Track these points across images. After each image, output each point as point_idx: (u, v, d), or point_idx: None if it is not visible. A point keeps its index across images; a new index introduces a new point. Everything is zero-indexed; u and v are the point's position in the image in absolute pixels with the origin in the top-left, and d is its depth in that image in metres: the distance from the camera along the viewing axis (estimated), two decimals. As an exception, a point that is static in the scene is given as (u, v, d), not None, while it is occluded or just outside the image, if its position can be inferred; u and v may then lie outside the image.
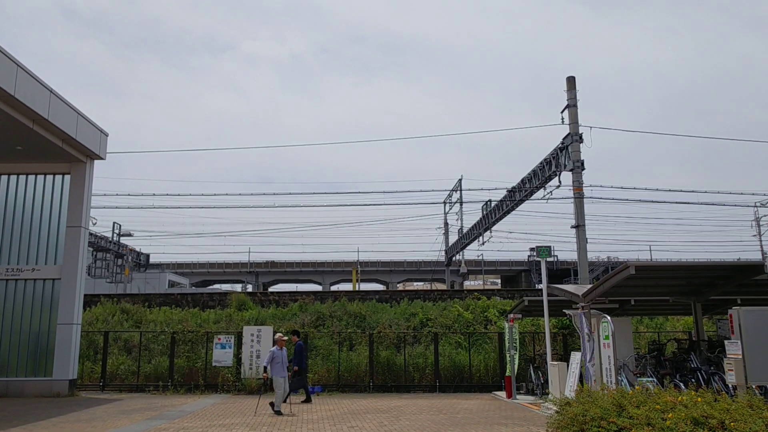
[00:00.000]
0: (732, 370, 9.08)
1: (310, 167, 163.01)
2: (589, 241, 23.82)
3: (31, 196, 18.36)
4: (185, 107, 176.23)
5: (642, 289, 12.94)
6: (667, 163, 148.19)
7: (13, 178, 18.43)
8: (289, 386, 15.21)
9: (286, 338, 13.84)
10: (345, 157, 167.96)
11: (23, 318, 17.48)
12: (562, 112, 24.89)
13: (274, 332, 19.14)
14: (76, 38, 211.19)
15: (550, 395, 13.14)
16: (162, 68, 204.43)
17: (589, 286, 13.08)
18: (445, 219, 53.95)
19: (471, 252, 52.83)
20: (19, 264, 17.76)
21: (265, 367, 13.06)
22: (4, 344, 17.25)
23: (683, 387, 10.86)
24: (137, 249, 53.52)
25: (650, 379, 11.72)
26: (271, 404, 13.11)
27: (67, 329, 17.11)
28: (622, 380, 11.73)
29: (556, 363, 14.19)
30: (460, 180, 47.21)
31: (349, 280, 70.73)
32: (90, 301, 23.87)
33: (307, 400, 15.51)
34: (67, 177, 18.31)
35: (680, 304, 15.19)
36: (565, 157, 25.24)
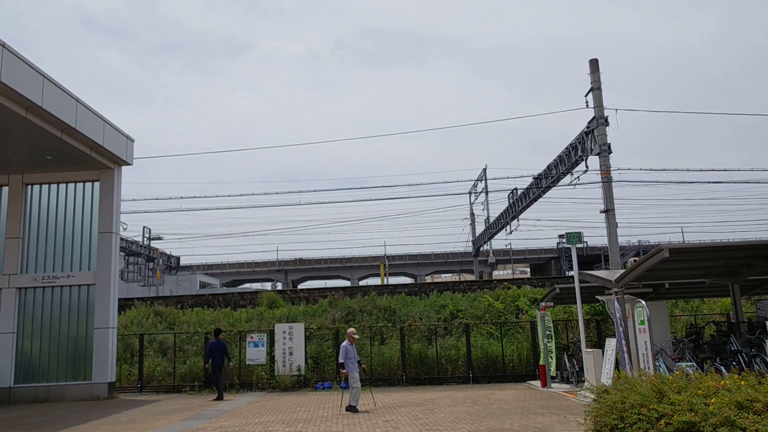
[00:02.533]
0: (775, 351, 8.82)
1: (333, 163, 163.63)
2: (619, 225, 23.45)
3: (63, 205, 18.75)
4: (207, 110, 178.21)
5: (677, 272, 12.64)
6: (698, 144, 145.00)
7: (45, 187, 18.84)
8: (211, 382, 16.28)
9: (357, 336, 13.47)
10: (367, 152, 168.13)
11: (61, 324, 17.90)
12: (586, 95, 24.50)
13: (306, 329, 19.28)
14: (96, 47, 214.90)
15: (586, 383, 12.95)
16: (182, 72, 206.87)
17: (622, 271, 12.84)
18: (471, 209, 53.68)
19: (498, 241, 52.58)
20: (54, 271, 18.17)
21: (341, 364, 12.61)
22: (44, 350, 17.68)
23: (724, 371, 10.60)
24: (168, 252, 54.43)
25: (689, 363, 11.46)
26: (349, 407, 12.68)
27: (103, 333, 17.45)
28: (659, 366, 11.50)
29: (591, 350, 13.98)
30: (485, 169, 46.83)
31: (377, 275, 70.88)
32: (124, 304, 24.32)
33: (219, 398, 16.11)
34: (97, 184, 18.64)
35: (717, 286, 14.83)
36: (591, 141, 24.85)
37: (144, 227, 49.79)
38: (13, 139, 15.69)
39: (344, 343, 12.86)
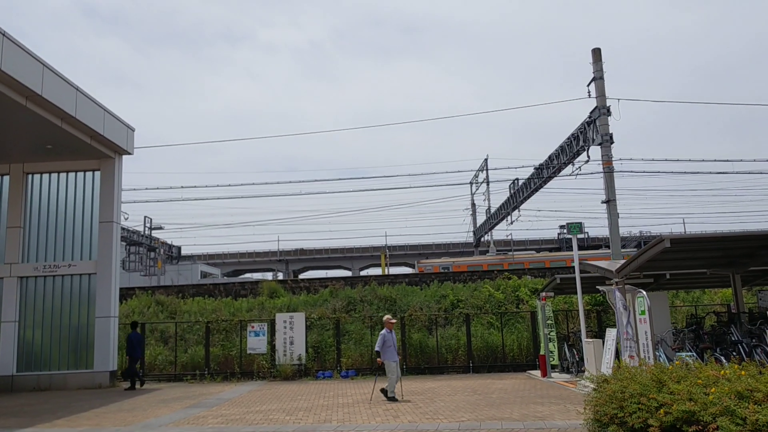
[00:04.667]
0: (775, 341, 8.82)
1: (334, 154, 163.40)
2: (620, 216, 23.42)
3: (64, 194, 18.75)
4: (207, 99, 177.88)
5: (678, 263, 12.62)
6: (701, 133, 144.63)
7: (46, 177, 18.83)
8: (125, 373, 16.59)
9: (394, 321, 12.99)
10: (368, 142, 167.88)
11: (63, 313, 17.95)
12: (588, 85, 24.41)
13: (307, 318, 19.30)
14: (96, 35, 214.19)
15: (586, 373, 12.99)
16: (182, 61, 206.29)
17: (623, 261, 12.83)
18: (472, 200, 53.67)
19: (499, 232, 52.48)
20: (55, 260, 18.20)
21: (378, 352, 12.27)
22: (46, 339, 17.75)
23: (724, 361, 10.61)
24: (169, 242, 54.37)
25: (689, 353, 11.49)
26: (383, 391, 12.45)
27: (105, 322, 17.50)
28: (659, 356, 11.51)
29: (591, 340, 14.01)
30: (486, 160, 46.78)
31: (378, 265, 70.88)
32: (125, 294, 24.37)
33: (131, 388, 16.37)
34: (97, 173, 18.63)
35: (718, 277, 14.82)
36: (593, 131, 24.78)
37: (145, 217, 49.73)
38: (13, 128, 15.66)
39: (383, 331, 12.50)
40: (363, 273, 68.63)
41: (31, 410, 12.82)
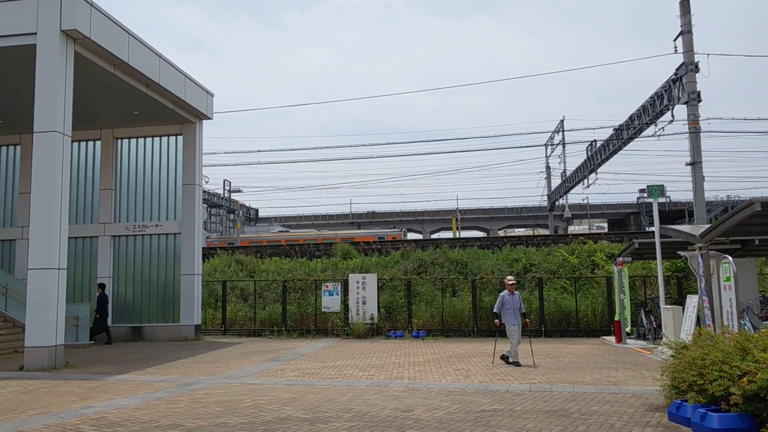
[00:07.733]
0: None
1: (405, 116, 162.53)
2: (705, 179, 22.22)
3: (150, 157, 19.81)
4: (280, 64, 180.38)
5: (768, 228, 11.92)
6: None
7: (133, 141, 19.91)
8: (93, 333, 17.23)
9: (514, 282, 12.20)
10: (440, 104, 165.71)
11: (151, 270, 19.18)
12: (674, 39, 23.03)
13: (378, 279, 19.66)
14: (173, 3, 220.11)
15: (664, 339, 12.63)
16: (256, 27, 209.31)
17: (707, 225, 12.25)
18: (547, 162, 52.34)
19: (575, 196, 51.24)
20: (143, 220, 19.37)
21: (496, 314, 11.80)
22: (137, 293, 19.05)
23: (816, 331, 10.04)
24: (247, 204, 56.37)
25: (778, 322, 10.93)
26: (504, 357, 11.88)
27: (189, 279, 18.53)
28: (744, 324, 11.03)
29: (670, 307, 13.57)
30: (562, 121, 45.36)
31: (449, 228, 70.67)
32: (207, 253, 25.61)
33: (109, 342, 17.54)
34: (180, 137, 19.49)
35: (813, 243, 13.89)
36: (678, 89, 23.45)
37: (225, 180, 51.75)
38: (103, 95, 16.54)
39: (503, 292, 11.97)
40: (434, 236, 68.77)
41: (125, 359, 13.89)
